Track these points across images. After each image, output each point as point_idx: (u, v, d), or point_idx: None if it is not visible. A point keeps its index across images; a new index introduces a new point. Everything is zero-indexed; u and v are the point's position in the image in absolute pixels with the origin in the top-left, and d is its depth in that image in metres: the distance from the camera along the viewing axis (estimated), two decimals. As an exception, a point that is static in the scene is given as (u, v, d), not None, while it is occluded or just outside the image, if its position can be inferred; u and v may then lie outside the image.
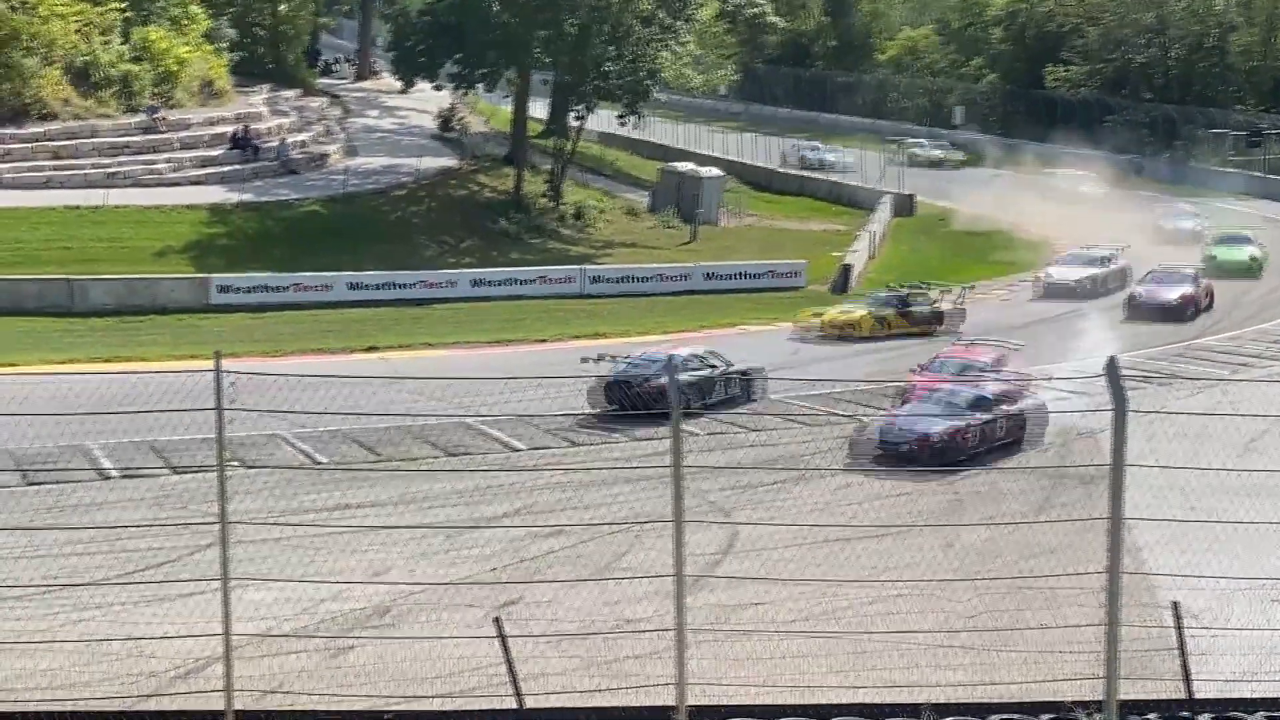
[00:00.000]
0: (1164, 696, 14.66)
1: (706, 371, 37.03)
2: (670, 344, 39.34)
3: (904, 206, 74.54)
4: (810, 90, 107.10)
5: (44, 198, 60.41)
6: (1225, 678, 16.21)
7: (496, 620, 16.49)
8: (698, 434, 33.23)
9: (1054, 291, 55.00)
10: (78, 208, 59.91)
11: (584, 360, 35.34)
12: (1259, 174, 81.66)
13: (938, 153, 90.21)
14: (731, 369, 37.63)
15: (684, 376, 34.28)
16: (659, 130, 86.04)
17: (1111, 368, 13.81)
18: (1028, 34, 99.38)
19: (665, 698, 15.21)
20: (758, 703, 15.74)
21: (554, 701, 16.54)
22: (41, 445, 31.60)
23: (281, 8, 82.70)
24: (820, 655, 18.33)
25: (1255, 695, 14.96)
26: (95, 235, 57.89)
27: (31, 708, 17.10)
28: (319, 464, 31.35)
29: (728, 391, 37.20)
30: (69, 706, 17.42)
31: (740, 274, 60.35)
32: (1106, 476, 13.88)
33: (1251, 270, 58.48)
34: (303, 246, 58.92)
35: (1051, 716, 14.36)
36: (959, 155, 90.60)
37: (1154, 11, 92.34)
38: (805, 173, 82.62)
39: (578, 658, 19.77)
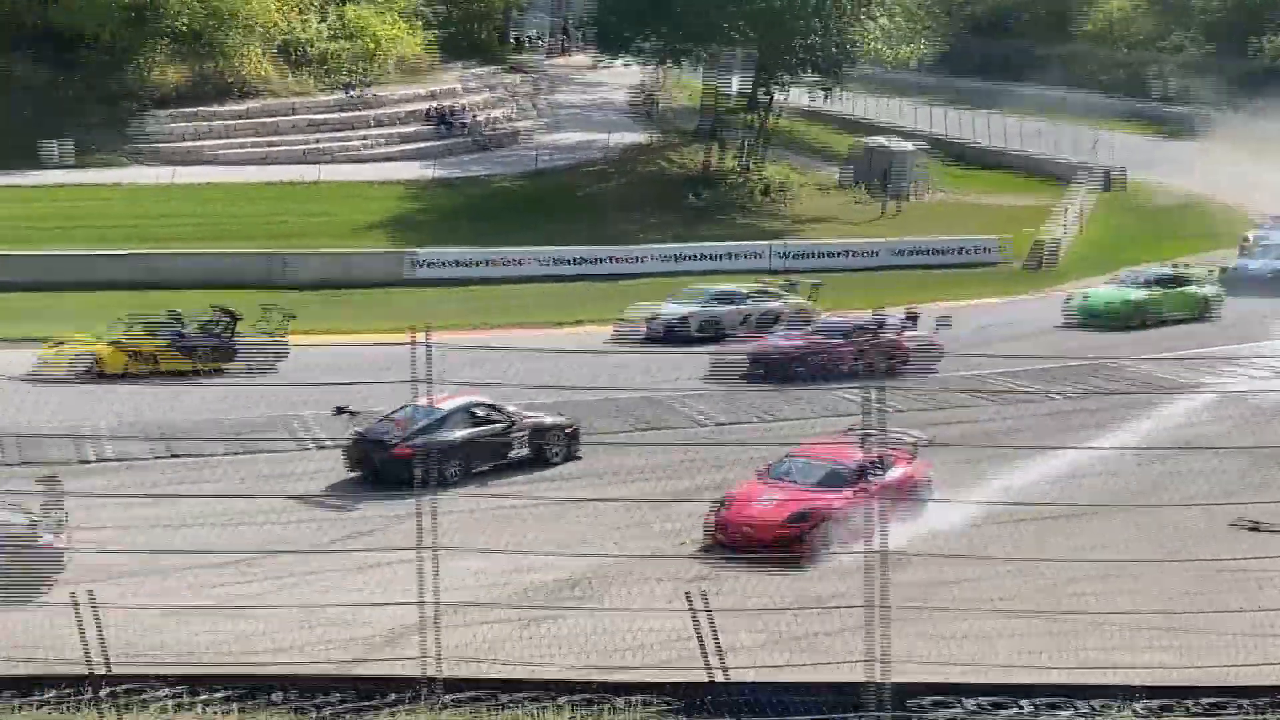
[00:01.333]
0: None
1: (488, 427, 29.92)
2: (444, 396, 27.98)
3: (1109, 181, 73.06)
4: (1010, 62, 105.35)
5: (256, 174, 61.94)
6: None
7: (688, 594, 16.59)
8: (899, 409, 32.86)
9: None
10: (289, 183, 61.28)
11: (338, 411, 30.34)
12: None
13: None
14: (525, 422, 30.48)
15: (459, 433, 29.07)
16: (854, 104, 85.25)
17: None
18: (1238, 2, 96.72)
19: (861, 674, 15.20)
20: (956, 681, 15.65)
21: (750, 675, 16.60)
22: (251, 415, 32.47)
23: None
24: (1022, 635, 18.17)
25: None
26: (304, 210, 59.08)
27: (242, 670, 17.66)
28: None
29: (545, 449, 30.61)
30: (280, 669, 17.95)
31: (934, 250, 59.63)
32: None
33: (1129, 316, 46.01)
34: (496, 222, 59.53)
35: (1262, 700, 14.08)
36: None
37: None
38: (1005, 146, 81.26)
39: (774, 632, 19.82)
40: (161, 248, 53.29)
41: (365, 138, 66.83)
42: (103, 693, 14.94)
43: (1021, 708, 14.24)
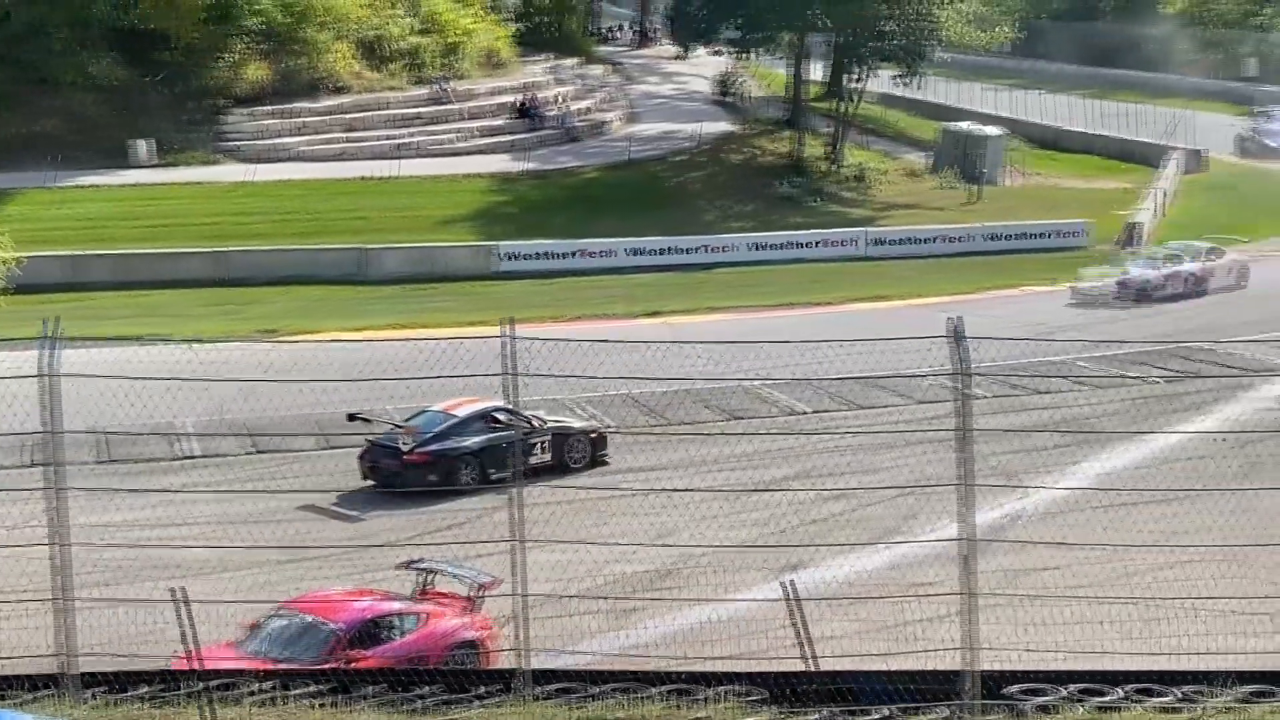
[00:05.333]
0: None
1: (505, 434, 28.32)
2: (456, 402, 29.24)
3: (1194, 163, 72.31)
4: (1095, 45, 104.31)
5: (337, 169, 62.36)
6: None
7: (782, 583, 16.56)
8: (983, 395, 32.68)
9: None
10: (370, 178, 61.67)
11: (350, 418, 29.09)
12: None
13: None
14: (546, 428, 29.92)
15: (474, 440, 28.68)
16: (938, 89, 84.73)
17: None
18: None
19: (954, 662, 15.13)
20: (1048, 668, 15.54)
21: (843, 665, 16.56)
22: (338, 409, 32.72)
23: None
24: (1111, 621, 18.05)
25: None
26: (386, 205, 59.49)
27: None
28: (608, 428, 31.74)
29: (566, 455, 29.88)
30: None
31: (1022, 234, 59.27)
32: None
33: None
34: (584, 213, 59.68)
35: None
36: None
37: None
38: (1092, 130, 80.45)
39: (863, 620, 19.78)
40: (243, 245, 53.79)
41: (451, 131, 67.09)
42: (196, 688, 15.11)
43: (1114, 694, 14.15)
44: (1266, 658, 15.82)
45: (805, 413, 33.87)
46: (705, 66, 78.98)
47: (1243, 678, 14.31)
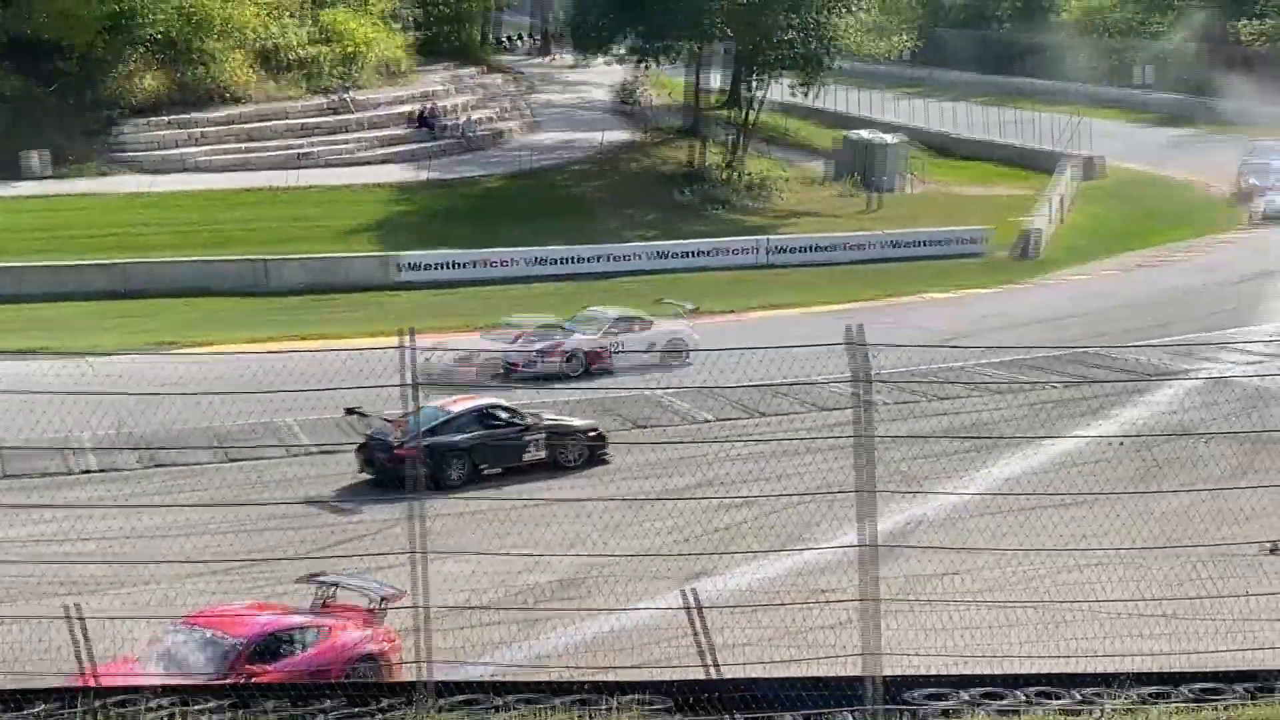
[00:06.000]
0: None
1: (497, 430, 30.10)
2: (455, 399, 30.36)
3: (1090, 169, 73.20)
4: (993, 53, 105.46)
5: (237, 180, 61.79)
6: None
7: (683, 592, 16.57)
8: (886, 402, 32.89)
9: None
10: (269, 189, 61.20)
11: (348, 412, 29.71)
12: None
13: None
14: (542, 425, 30.65)
15: (464, 436, 29.45)
16: (838, 98, 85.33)
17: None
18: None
19: (856, 668, 15.19)
20: (950, 673, 15.64)
21: (745, 672, 16.58)
22: (239, 422, 32.41)
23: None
24: (1013, 625, 18.19)
25: None
26: (286, 215, 59.02)
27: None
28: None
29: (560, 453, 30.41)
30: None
31: (922, 241, 59.73)
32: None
33: None
34: (487, 222, 59.55)
35: (1251, 686, 14.07)
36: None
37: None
38: (988, 137, 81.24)
39: (768, 627, 19.83)
40: (141, 256, 53.18)
41: (350, 141, 66.72)
42: (93, 705, 14.89)
43: (1015, 697, 14.25)
44: (1164, 659, 15.99)
45: (708, 421, 33.93)
46: (605, 75, 79.04)
47: (1141, 679, 14.46)
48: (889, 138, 72.24)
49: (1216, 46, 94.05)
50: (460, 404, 30.07)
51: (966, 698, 14.44)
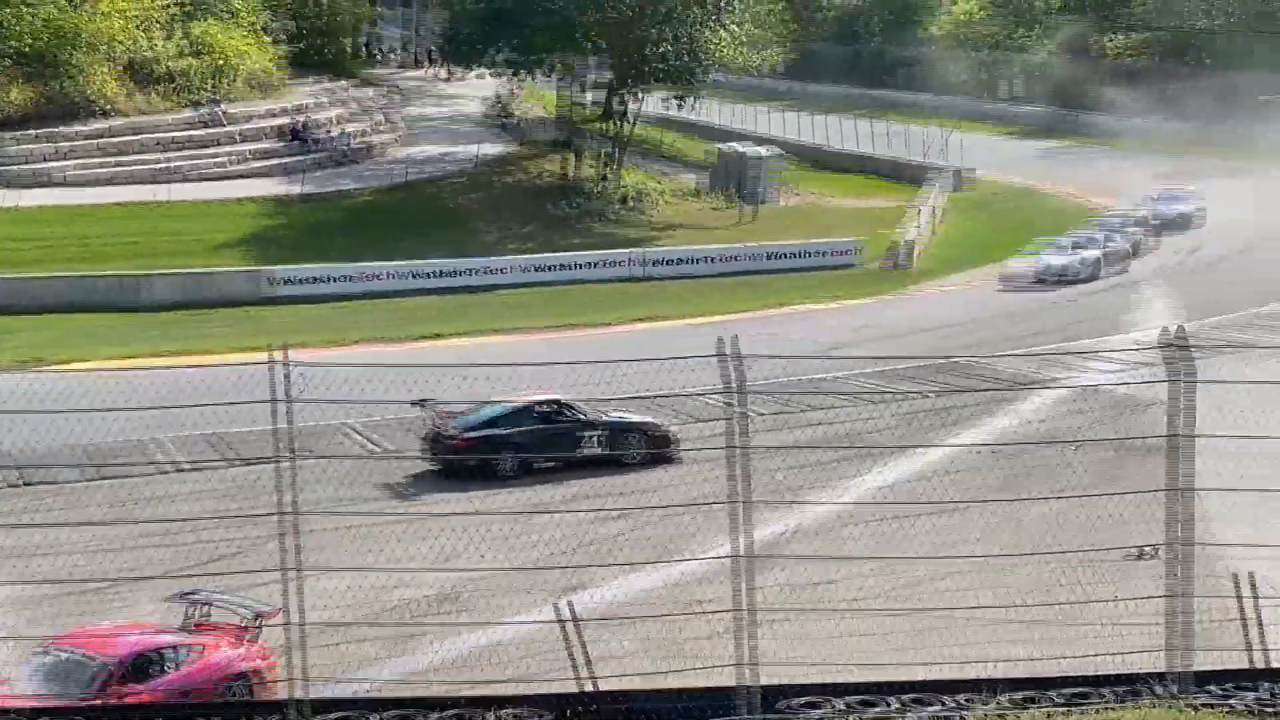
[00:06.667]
0: (1237, 667, 14.58)
1: (550, 425, 30.67)
2: (520, 393, 30.48)
3: (960, 181, 74.17)
4: (864, 67, 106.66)
5: (106, 194, 60.93)
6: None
7: (555, 605, 16.57)
8: (760, 413, 33.06)
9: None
10: (140, 203, 60.41)
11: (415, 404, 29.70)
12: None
13: None
14: (602, 421, 30.97)
15: (516, 429, 29.81)
16: (713, 111, 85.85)
17: (1169, 338, 13.80)
18: (1085, 2, 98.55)
19: (732, 678, 15.26)
20: (824, 681, 15.75)
21: (622, 684, 16.60)
22: (110, 439, 31.93)
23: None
24: (887, 633, 18.33)
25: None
26: (157, 230, 58.31)
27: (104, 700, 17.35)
28: (386, 452, 31.51)
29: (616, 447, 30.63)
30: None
31: (796, 253, 60.23)
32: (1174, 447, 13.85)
33: None
34: (362, 236, 59.24)
35: (1120, 689, 14.31)
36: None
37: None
38: (860, 150, 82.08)
39: (645, 639, 19.86)
40: (9, 272, 52.28)
41: (223, 155, 66.07)
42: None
43: (889, 705, 14.39)
44: (1034, 664, 16.21)
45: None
46: (480, 88, 78.92)
47: (1012, 685, 14.65)
48: (763, 150, 72.79)
49: (1084, 60, 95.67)
50: (523, 398, 30.65)
51: (841, 706, 14.56)
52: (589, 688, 15.60)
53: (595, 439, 30.44)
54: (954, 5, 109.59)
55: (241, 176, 65.07)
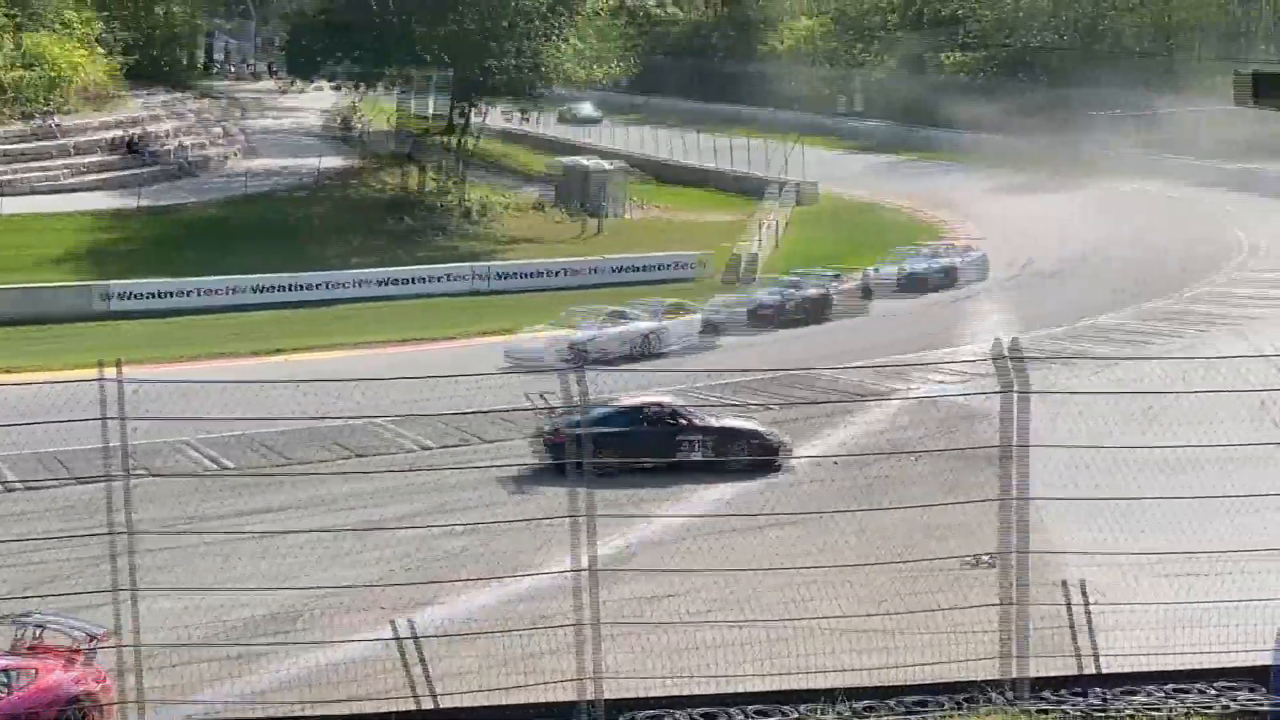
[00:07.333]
0: (1073, 673, 14.81)
1: (651, 428, 31.16)
2: (638, 392, 32.15)
3: (804, 195, 74.85)
4: (708, 81, 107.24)
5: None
6: (1131, 652, 16.39)
7: (392, 622, 16.43)
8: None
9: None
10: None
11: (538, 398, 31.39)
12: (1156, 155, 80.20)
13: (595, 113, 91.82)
14: (706, 426, 31.55)
15: (613, 430, 29.41)
16: (553, 125, 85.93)
17: (1001, 350, 14.02)
18: (923, 20, 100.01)
19: (579, 692, 15.22)
20: (671, 694, 15.76)
21: (467, 700, 16.50)
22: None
23: (175, 9, 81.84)
24: (733, 644, 18.38)
25: (1154, 669, 15.14)
26: (-12, 244, 57.07)
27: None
28: (225, 470, 31.08)
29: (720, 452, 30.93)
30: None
31: (642, 266, 60.39)
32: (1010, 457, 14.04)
33: None
34: (203, 250, 58.33)
35: (959, 696, 14.48)
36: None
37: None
38: (706, 164, 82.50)
39: (490, 655, 19.73)
40: None
41: (57, 168, 64.77)
42: None
43: (732, 716, 14.43)
44: (877, 673, 16.34)
45: (430, 448, 33.70)
46: (322, 100, 78.28)
47: (853, 694, 14.76)
48: (607, 164, 72.97)
49: (923, 77, 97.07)
50: (628, 400, 31.43)
51: (685, 718, 14.57)
52: (429, 705, 15.46)
53: (701, 444, 30.88)
54: (794, 22, 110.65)
55: (76, 190, 63.83)
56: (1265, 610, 14.03)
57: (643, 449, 30.12)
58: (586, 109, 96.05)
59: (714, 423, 31.45)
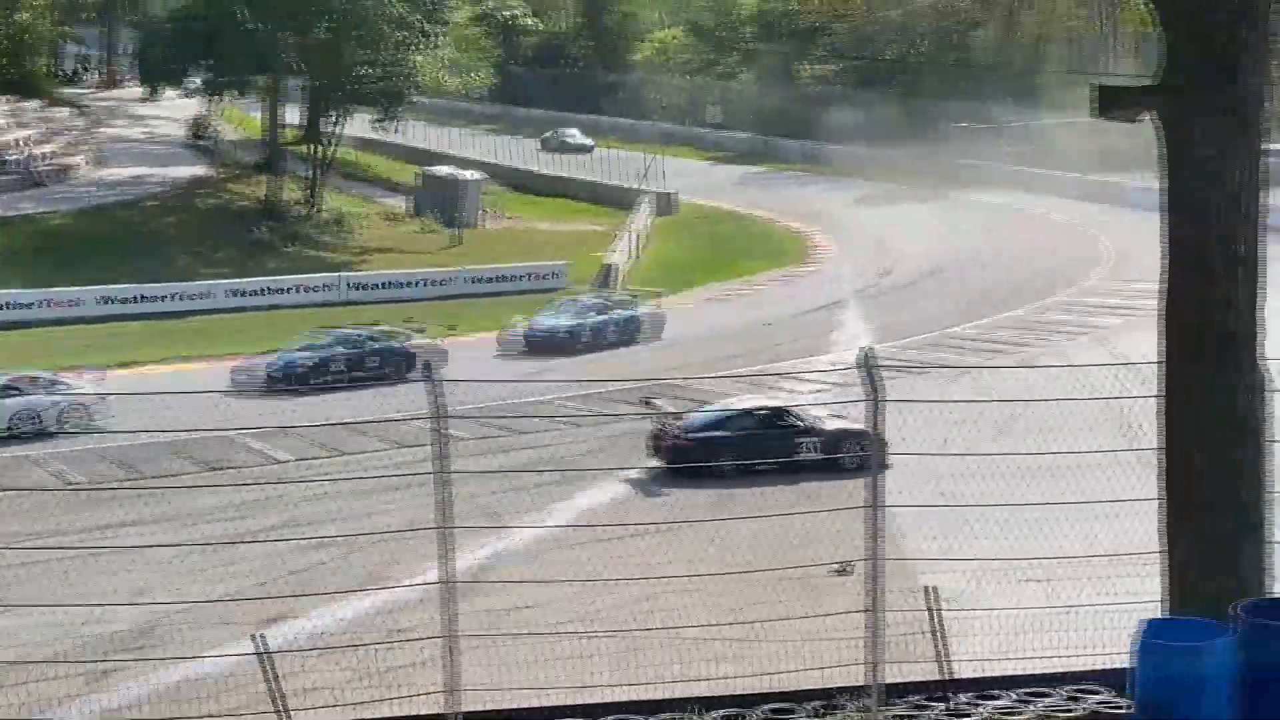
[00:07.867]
0: (925, 679, 14.91)
1: (767, 430, 31.80)
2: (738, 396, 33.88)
3: (665, 205, 75.12)
4: (568, 91, 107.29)
5: None
6: (981, 657, 16.58)
7: (253, 636, 16.16)
8: (464, 437, 32.94)
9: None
10: None
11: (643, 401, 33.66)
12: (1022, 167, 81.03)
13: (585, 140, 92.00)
14: (820, 428, 31.83)
15: (733, 433, 31.38)
16: (417, 134, 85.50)
17: (865, 359, 14.11)
18: (779, 32, 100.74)
19: (438, 706, 15.07)
20: (532, 705, 15.67)
21: (324, 716, 16.28)
22: None
23: (22, 16, 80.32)
24: (594, 655, 18.33)
25: (1010, 673, 15.31)
26: None
27: None
28: (74, 484, 30.52)
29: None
30: None
31: (503, 276, 60.28)
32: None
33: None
34: (52, 262, 57.28)
35: (819, 704, 14.52)
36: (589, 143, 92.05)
37: (899, 8, 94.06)
38: (565, 173, 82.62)
39: (349, 669, 19.52)
40: None
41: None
42: None
43: (593, 728, 14.39)
44: (737, 681, 16.36)
45: (288, 461, 33.33)
46: (179, 109, 77.29)
47: (713, 703, 14.75)
48: (468, 174, 72.80)
49: (783, 87, 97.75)
50: (739, 402, 33.46)
51: (547, 730, 14.50)
52: (288, 722, 15.22)
53: (812, 445, 31.49)
54: (651, 32, 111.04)
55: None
56: (1118, 615, 14.24)
57: (764, 451, 31.19)
58: (575, 135, 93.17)
59: (824, 424, 32.11)
